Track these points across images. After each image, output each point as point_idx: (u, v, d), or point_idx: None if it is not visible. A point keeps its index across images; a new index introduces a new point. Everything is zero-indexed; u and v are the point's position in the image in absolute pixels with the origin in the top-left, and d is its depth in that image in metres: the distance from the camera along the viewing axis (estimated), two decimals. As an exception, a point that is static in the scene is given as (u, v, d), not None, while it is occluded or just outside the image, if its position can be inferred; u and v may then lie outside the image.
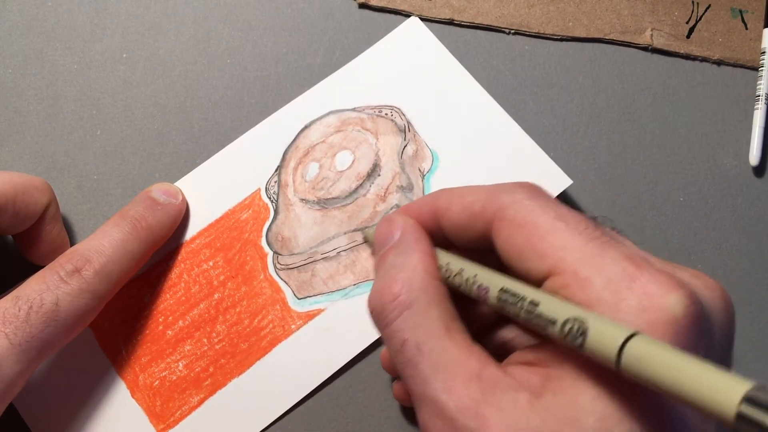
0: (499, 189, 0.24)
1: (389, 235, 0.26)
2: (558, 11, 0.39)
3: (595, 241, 0.21)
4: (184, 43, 0.38)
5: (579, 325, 0.19)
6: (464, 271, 0.24)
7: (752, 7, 0.40)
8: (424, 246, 0.25)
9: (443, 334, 0.23)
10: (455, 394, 0.21)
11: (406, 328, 0.23)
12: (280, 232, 0.34)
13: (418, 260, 0.25)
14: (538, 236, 0.22)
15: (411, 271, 0.24)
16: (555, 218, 0.22)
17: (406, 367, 0.23)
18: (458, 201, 0.25)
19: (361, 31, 0.38)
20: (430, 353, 0.22)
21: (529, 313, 0.21)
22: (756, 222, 0.37)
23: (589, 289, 0.20)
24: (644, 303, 0.20)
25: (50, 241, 0.32)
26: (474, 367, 0.22)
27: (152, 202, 0.33)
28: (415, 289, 0.24)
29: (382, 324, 0.24)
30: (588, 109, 0.38)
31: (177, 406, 0.33)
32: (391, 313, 0.24)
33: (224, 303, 0.34)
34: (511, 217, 0.23)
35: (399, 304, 0.23)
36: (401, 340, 0.23)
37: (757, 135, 0.38)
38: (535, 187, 0.24)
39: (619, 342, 0.18)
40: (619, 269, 0.20)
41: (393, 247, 0.26)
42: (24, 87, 0.37)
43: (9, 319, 0.27)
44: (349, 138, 0.36)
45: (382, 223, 0.27)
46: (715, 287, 0.22)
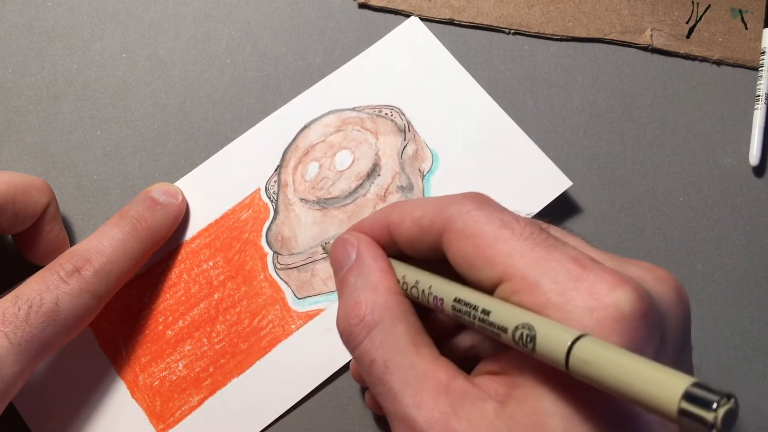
0: (447, 201, 0.24)
1: (345, 256, 0.27)
2: (558, 11, 0.39)
3: (540, 245, 0.21)
4: (184, 43, 0.38)
5: (528, 330, 0.20)
6: (419, 282, 0.25)
7: (752, 7, 0.40)
8: (381, 263, 0.26)
9: (410, 350, 0.23)
10: (424, 409, 0.21)
11: (373, 348, 0.23)
12: (280, 232, 0.34)
13: (378, 279, 0.25)
14: (485, 245, 0.22)
15: (372, 290, 0.25)
16: (501, 226, 0.22)
17: (376, 386, 0.23)
18: (408, 216, 0.25)
19: (361, 31, 0.38)
20: (398, 370, 0.23)
21: (483, 321, 0.22)
22: (756, 222, 0.37)
23: (538, 293, 0.21)
24: (591, 303, 0.20)
25: (50, 241, 0.32)
26: (442, 380, 0.22)
27: (152, 202, 0.33)
28: (379, 309, 0.24)
29: (351, 346, 0.24)
30: (588, 109, 0.38)
31: (177, 406, 0.33)
32: (359, 335, 0.24)
33: (224, 303, 0.34)
34: (459, 229, 0.23)
35: (365, 325, 0.24)
36: (370, 360, 0.23)
37: (757, 135, 0.38)
38: (482, 197, 0.24)
39: (566, 345, 0.19)
40: (565, 271, 0.21)
41: (352, 269, 0.26)
42: (24, 87, 0.37)
43: (9, 318, 0.27)
44: (349, 138, 0.36)
45: (337, 244, 0.27)
46: (666, 279, 0.22)
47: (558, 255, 0.21)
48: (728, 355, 0.35)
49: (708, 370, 0.35)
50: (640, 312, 0.20)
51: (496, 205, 0.24)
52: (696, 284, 0.36)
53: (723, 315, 0.36)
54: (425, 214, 0.24)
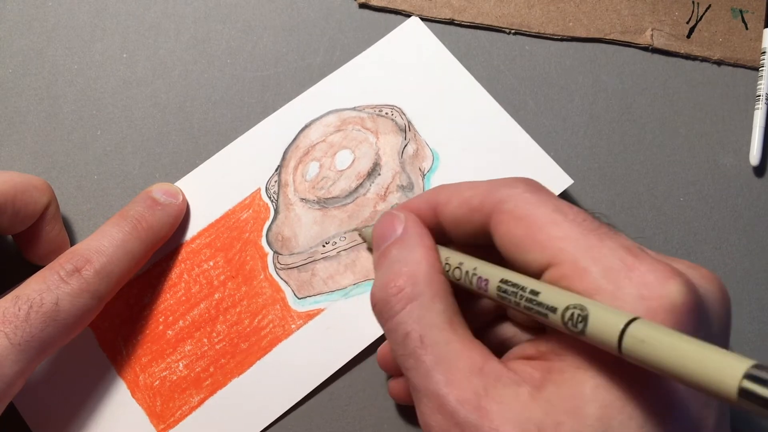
0: (497, 183, 0.24)
1: (391, 230, 0.26)
2: (558, 11, 0.39)
3: (593, 232, 0.21)
4: (184, 43, 0.38)
5: (579, 311, 0.20)
6: (464, 264, 0.24)
7: (752, 7, 0.40)
8: (426, 241, 0.25)
9: (447, 328, 0.23)
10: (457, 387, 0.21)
11: (410, 321, 0.23)
12: (280, 232, 0.34)
13: (422, 255, 0.25)
14: (536, 228, 0.22)
15: (415, 265, 0.24)
16: (553, 210, 0.22)
17: (408, 359, 0.23)
18: (457, 196, 0.25)
19: (361, 30, 0.38)
20: (433, 346, 0.22)
21: (530, 301, 0.21)
22: (756, 222, 0.37)
23: (588, 279, 0.20)
24: (643, 291, 0.20)
25: (50, 241, 0.32)
26: (476, 360, 0.22)
27: (152, 202, 0.33)
28: (419, 283, 0.24)
29: (386, 316, 0.24)
30: (588, 109, 0.38)
31: (177, 406, 0.32)
32: (396, 306, 0.24)
33: (224, 303, 0.34)
34: (509, 210, 0.23)
35: (404, 296, 0.24)
36: (404, 333, 0.23)
37: (757, 135, 0.38)
38: (533, 182, 0.24)
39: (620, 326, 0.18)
40: (617, 259, 0.20)
41: (396, 243, 0.26)
42: (24, 87, 0.37)
43: (9, 318, 0.27)
44: (349, 137, 0.36)
45: (384, 219, 0.27)
46: (711, 278, 0.22)
47: (610, 243, 0.21)
48: (728, 355, 0.35)
49: (708, 370, 0.35)
50: (690, 305, 0.20)
51: (548, 191, 0.24)
52: (696, 284, 0.36)
53: (723, 315, 0.36)
54: (475, 194, 0.24)
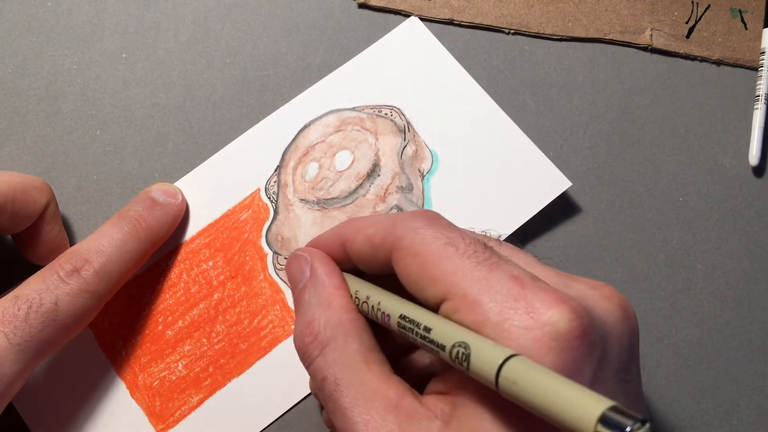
0: (397, 219, 0.24)
1: (300, 273, 0.27)
2: (557, 11, 0.39)
3: (483, 263, 0.21)
4: (184, 43, 0.38)
5: (464, 349, 0.20)
6: (370, 298, 0.25)
7: (752, 7, 0.40)
8: (335, 280, 0.26)
9: (362, 368, 0.23)
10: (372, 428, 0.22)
11: (326, 366, 0.24)
12: (279, 232, 0.34)
13: (332, 296, 0.25)
14: (430, 263, 0.22)
15: (327, 308, 0.25)
16: (446, 244, 0.22)
17: (328, 402, 0.23)
18: (362, 232, 0.25)
19: (360, 31, 0.38)
20: (349, 388, 0.23)
21: (424, 338, 0.22)
22: (756, 222, 0.37)
23: (477, 311, 0.21)
24: (528, 322, 0.20)
25: (49, 241, 0.32)
26: (392, 398, 0.22)
27: (152, 202, 0.33)
28: (332, 327, 0.24)
29: (306, 363, 0.25)
30: (588, 109, 0.38)
31: (176, 406, 0.33)
32: (312, 353, 0.24)
33: (224, 303, 0.34)
34: (406, 246, 0.23)
35: (318, 342, 0.24)
36: (322, 378, 0.24)
37: (756, 135, 0.38)
38: (431, 215, 0.24)
39: (497, 364, 0.19)
40: (504, 290, 0.21)
41: (305, 286, 0.26)
42: (24, 87, 0.37)
43: (8, 318, 0.27)
44: (348, 138, 0.36)
45: (291, 261, 0.28)
46: (612, 297, 0.22)
47: (499, 273, 0.21)
48: (728, 355, 0.35)
49: (708, 371, 0.35)
50: (577, 331, 0.20)
51: (445, 222, 0.24)
52: (696, 284, 0.36)
53: (723, 315, 0.36)
54: (377, 231, 0.25)
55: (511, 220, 0.34)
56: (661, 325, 0.35)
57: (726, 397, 0.35)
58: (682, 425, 0.34)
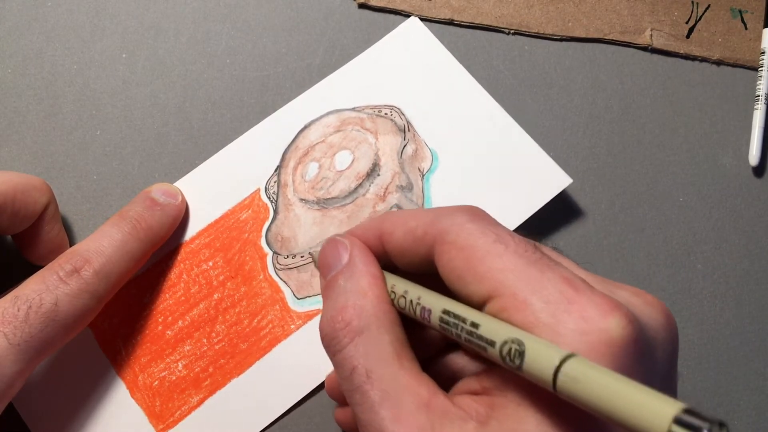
0: (440, 213, 0.24)
1: (337, 259, 0.26)
2: (557, 11, 0.39)
3: (534, 264, 0.21)
4: (184, 43, 0.38)
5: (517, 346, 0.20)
6: (408, 293, 0.24)
7: (752, 7, 0.40)
8: (373, 269, 0.25)
9: (394, 362, 0.23)
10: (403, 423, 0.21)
11: (357, 355, 0.23)
12: (279, 232, 0.34)
13: (369, 285, 0.25)
14: (477, 259, 0.22)
15: (362, 296, 0.24)
16: (495, 241, 0.22)
17: (355, 394, 0.23)
18: (402, 225, 0.25)
19: (360, 31, 0.38)
20: (380, 381, 0.22)
21: (470, 334, 0.21)
22: (756, 222, 0.37)
23: (527, 312, 0.20)
24: (582, 326, 0.20)
25: (49, 241, 0.32)
26: (423, 396, 0.22)
27: (152, 202, 0.33)
28: (366, 316, 0.24)
29: (334, 350, 0.24)
30: (588, 109, 0.38)
31: (176, 406, 0.33)
32: (343, 340, 0.23)
33: (224, 303, 0.34)
34: (451, 240, 0.23)
35: (350, 330, 0.23)
36: (351, 367, 0.23)
37: (756, 135, 0.38)
38: (476, 210, 0.24)
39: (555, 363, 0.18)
40: (557, 292, 0.20)
41: (342, 272, 0.25)
42: (24, 87, 0.37)
43: (8, 319, 0.27)
44: (348, 138, 0.36)
45: (329, 246, 0.27)
46: (655, 304, 0.22)
47: (551, 275, 0.21)
48: (728, 355, 0.35)
49: (708, 371, 0.35)
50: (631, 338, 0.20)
51: (491, 220, 0.23)
52: (696, 284, 0.36)
53: (723, 315, 0.36)
54: (419, 224, 0.24)
55: (512, 218, 0.34)
56: (661, 325, 0.35)
57: (726, 397, 0.35)
58: (682, 425, 0.34)
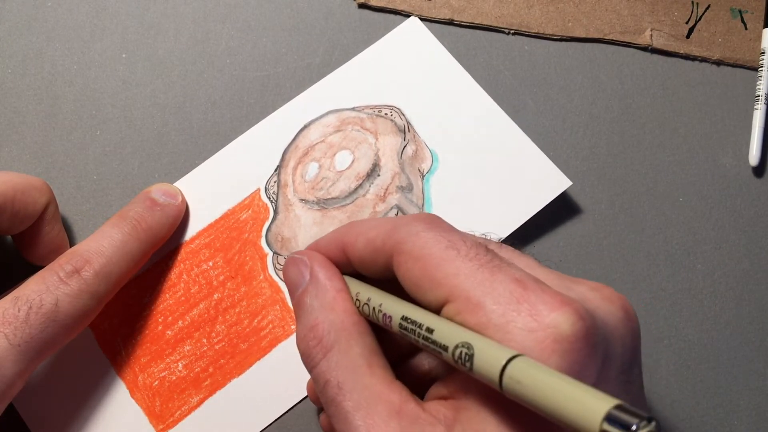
0: (398, 223, 0.24)
1: (300, 277, 0.27)
2: (557, 11, 0.39)
3: (485, 266, 0.22)
4: (184, 43, 0.38)
5: (467, 349, 0.20)
6: (371, 300, 0.25)
7: (752, 7, 0.40)
8: (336, 283, 0.26)
9: (365, 371, 0.23)
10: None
11: (329, 369, 0.24)
12: (279, 233, 0.34)
13: (334, 299, 0.25)
14: (431, 266, 0.22)
15: (329, 311, 0.25)
16: (447, 247, 0.22)
17: (330, 406, 0.23)
18: (362, 236, 0.25)
19: (360, 31, 0.38)
20: (352, 391, 0.23)
21: (426, 339, 0.22)
22: (756, 222, 0.37)
23: (480, 314, 0.21)
24: (531, 324, 0.20)
25: (49, 242, 0.32)
26: (394, 403, 0.22)
27: (152, 202, 0.33)
28: (335, 330, 0.24)
29: (309, 366, 0.25)
30: (588, 109, 0.38)
31: (177, 407, 0.33)
32: (316, 356, 0.24)
33: (224, 303, 0.34)
34: (407, 250, 0.23)
35: (323, 347, 0.24)
36: (324, 381, 0.24)
37: (756, 135, 0.38)
38: (432, 218, 0.24)
39: (501, 364, 0.19)
40: (507, 292, 0.21)
41: (306, 290, 0.26)
42: (24, 87, 0.37)
43: (8, 319, 0.27)
44: (348, 138, 0.36)
45: (289, 265, 0.27)
46: (614, 299, 0.22)
47: (501, 276, 0.21)
48: (728, 355, 0.35)
49: (708, 371, 0.35)
50: (580, 333, 0.20)
51: (446, 226, 0.24)
52: (696, 284, 0.36)
53: (723, 315, 0.36)
54: (378, 234, 0.25)
55: (512, 219, 0.34)
56: (661, 325, 0.35)
57: (726, 397, 0.35)
58: (682, 425, 0.34)
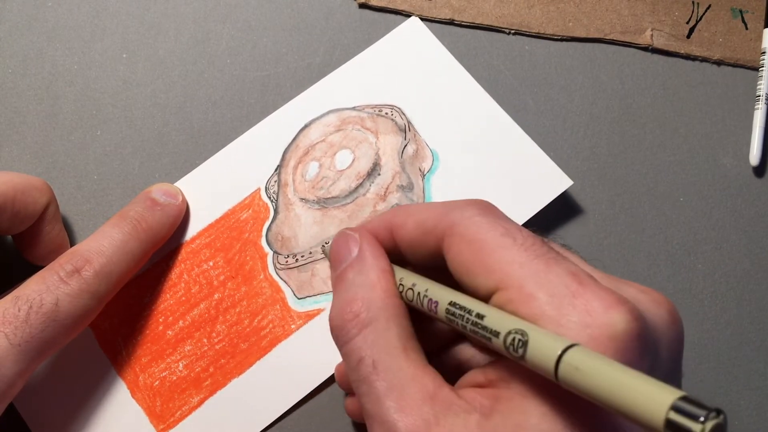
0: (451, 206, 0.24)
1: (347, 252, 0.26)
2: (558, 11, 0.39)
3: (540, 257, 0.21)
4: (184, 43, 0.38)
5: (520, 336, 0.20)
6: (416, 286, 0.25)
7: (752, 7, 0.40)
8: (382, 263, 0.26)
9: (400, 354, 0.23)
10: (407, 415, 0.21)
11: (364, 346, 0.23)
12: (280, 232, 0.34)
13: (377, 278, 0.25)
14: (485, 252, 0.22)
15: (370, 289, 0.25)
16: (503, 234, 0.22)
17: (362, 385, 0.23)
18: (412, 218, 0.25)
19: (361, 31, 0.38)
20: (386, 372, 0.22)
21: (476, 325, 0.22)
22: (756, 222, 0.37)
23: (533, 304, 0.21)
24: (586, 319, 0.20)
25: (50, 242, 0.32)
26: (428, 388, 0.22)
27: (152, 202, 0.33)
28: (374, 308, 0.24)
29: (342, 341, 0.24)
30: (588, 109, 0.38)
31: (177, 406, 0.33)
32: (351, 331, 0.24)
33: (224, 303, 0.34)
34: (460, 233, 0.23)
35: (359, 322, 0.24)
36: (358, 358, 0.23)
37: (757, 135, 0.38)
38: (486, 204, 0.24)
39: (557, 352, 0.18)
40: (563, 285, 0.20)
41: (351, 265, 0.26)
42: (24, 87, 0.37)
43: (9, 319, 0.27)
44: (349, 137, 0.36)
45: (339, 239, 0.27)
46: (662, 302, 0.22)
47: (557, 269, 0.21)
48: (728, 355, 0.35)
49: (708, 371, 0.35)
50: (634, 333, 0.20)
51: (500, 213, 0.24)
52: (696, 284, 0.36)
53: (723, 315, 0.36)
54: (429, 216, 0.24)
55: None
56: (661, 325, 0.35)
57: (726, 397, 0.35)
58: (682, 425, 0.34)
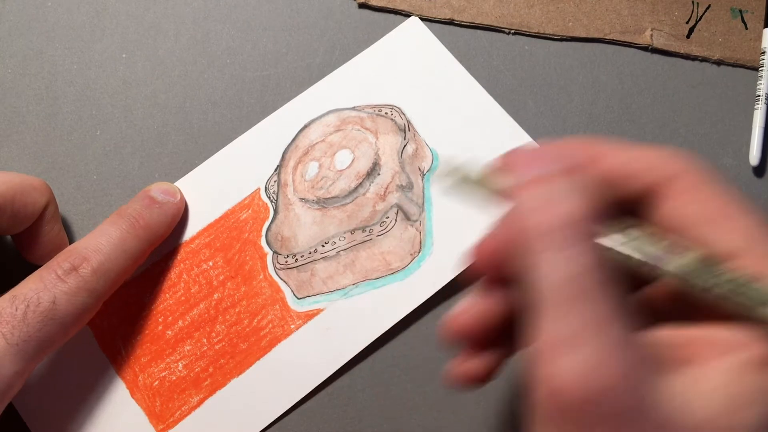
0: (666, 154, 0.21)
1: (564, 157, 0.20)
2: (558, 11, 0.39)
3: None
4: (184, 43, 0.38)
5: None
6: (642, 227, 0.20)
7: (752, 7, 0.40)
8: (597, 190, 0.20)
9: (606, 287, 0.18)
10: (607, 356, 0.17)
11: (586, 260, 0.18)
12: (279, 232, 0.34)
13: (594, 197, 0.20)
14: (731, 210, 0.19)
15: (591, 205, 0.19)
16: (733, 200, 0.20)
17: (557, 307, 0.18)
18: (625, 151, 0.21)
19: (360, 31, 0.38)
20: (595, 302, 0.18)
21: (740, 286, 0.18)
22: (757, 222, 0.37)
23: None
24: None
25: (49, 242, 0.32)
26: (622, 331, 0.18)
27: (150, 200, 0.33)
28: (591, 225, 0.19)
29: (545, 246, 0.19)
30: (588, 109, 0.38)
31: (177, 406, 0.32)
32: (563, 234, 0.19)
33: (224, 303, 0.34)
34: (689, 186, 0.20)
35: (578, 232, 0.19)
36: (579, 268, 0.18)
37: (757, 135, 0.37)
38: (706, 164, 0.21)
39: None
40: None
41: (567, 173, 0.20)
42: (24, 87, 0.37)
43: (6, 318, 0.27)
44: (348, 137, 0.36)
45: (549, 147, 0.22)
46: None
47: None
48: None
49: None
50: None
51: (721, 179, 0.21)
52: (697, 284, 0.36)
53: (724, 315, 0.36)
54: (642, 155, 0.21)
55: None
56: (661, 325, 0.35)
57: (727, 398, 0.35)
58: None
